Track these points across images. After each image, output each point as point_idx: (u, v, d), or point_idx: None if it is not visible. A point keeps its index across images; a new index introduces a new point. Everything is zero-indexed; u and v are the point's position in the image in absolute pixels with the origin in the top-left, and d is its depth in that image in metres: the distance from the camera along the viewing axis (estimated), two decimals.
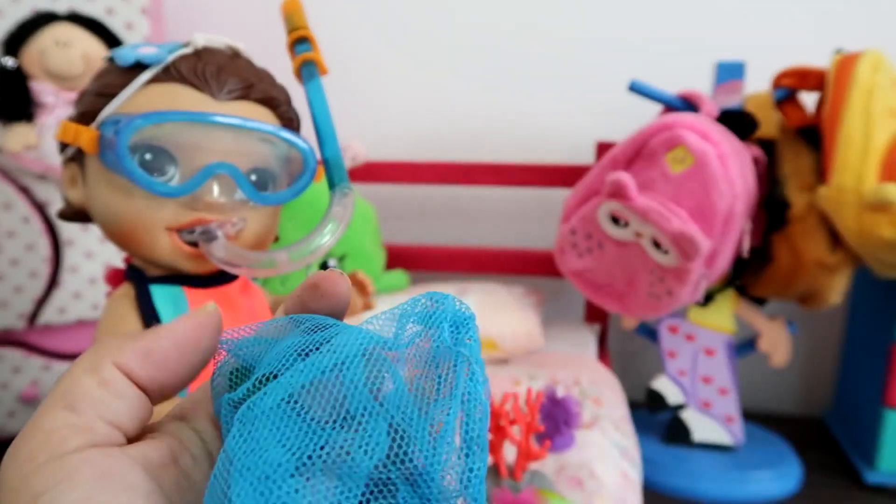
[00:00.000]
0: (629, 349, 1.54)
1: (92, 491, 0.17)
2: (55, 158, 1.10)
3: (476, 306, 1.19)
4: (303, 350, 0.19)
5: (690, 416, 1.24)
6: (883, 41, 1.05)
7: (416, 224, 1.56)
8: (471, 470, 0.17)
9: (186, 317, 0.22)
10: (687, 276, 0.95)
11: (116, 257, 0.61)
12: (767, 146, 1.11)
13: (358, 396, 0.17)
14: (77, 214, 0.58)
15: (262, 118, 0.55)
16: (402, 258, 1.42)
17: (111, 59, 0.54)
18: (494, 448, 0.73)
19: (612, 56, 1.42)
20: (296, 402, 0.18)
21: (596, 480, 0.80)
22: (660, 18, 1.39)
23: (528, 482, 0.73)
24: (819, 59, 1.10)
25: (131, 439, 0.20)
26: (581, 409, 0.83)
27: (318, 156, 0.60)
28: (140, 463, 0.19)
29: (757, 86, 1.16)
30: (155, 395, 0.21)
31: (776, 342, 1.19)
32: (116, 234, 0.55)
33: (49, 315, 1.21)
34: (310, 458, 0.17)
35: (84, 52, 1.12)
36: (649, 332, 1.30)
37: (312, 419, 0.18)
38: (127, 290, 0.56)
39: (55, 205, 1.18)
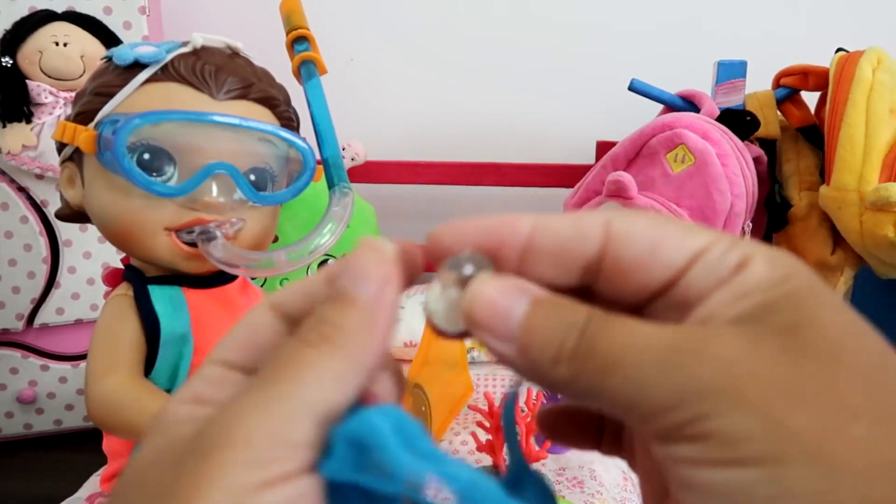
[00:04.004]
0: None
1: None
2: (53, 158, 1.09)
3: None
4: None
5: None
6: (885, 40, 1.04)
7: (416, 224, 1.55)
8: None
9: None
10: None
11: (115, 258, 0.60)
12: (769, 145, 1.11)
13: None
14: (75, 214, 0.58)
15: (260, 118, 0.55)
16: None
17: (109, 59, 0.54)
18: (495, 449, 0.73)
19: (611, 55, 1.42)
20: None
21: (596, 481, 0.80)
22: (660, 17, 1.39)
23: None
24: (821, 57, 1.09)
25: None
26: None
27: (318, 155, 0.59)
28: None
29: (758, 85, 1.16)
30: None
31: None
32: (114, 235, 0.54)
33: (47, 315, 1.21)
34: None
35: (82, 52, 1.12)
36: None
37: None
38: (125, 290, 0.56)
39: (53, 205, 1.18)
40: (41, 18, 1.10)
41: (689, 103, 1.10)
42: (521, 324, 0.17)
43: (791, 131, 1.12)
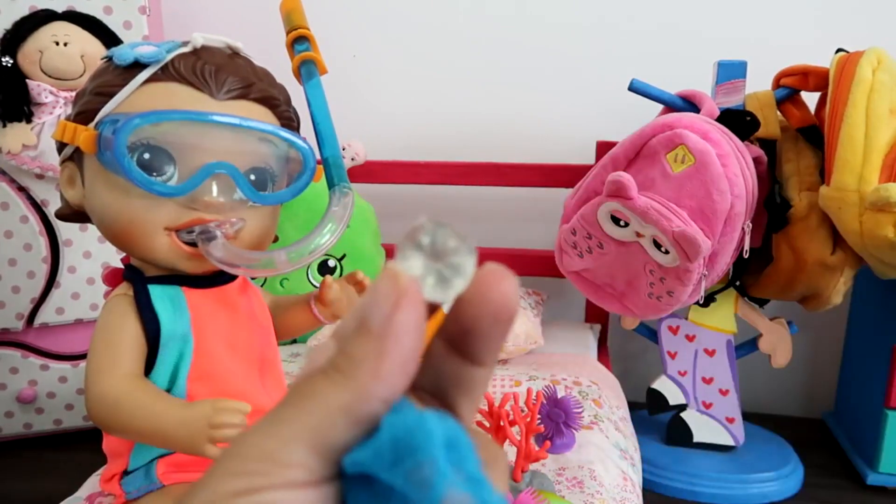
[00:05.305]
0: (629, 349, 1.54)
1: None
2: (53, 158, 1.09)
3: None
4: None
5: (691, 417, 1.24)
6: (885, 40, 1.04)
7: None
8: None
9: None
10: (688, 276, 0.95)
11: (115, 257, 0.60)
12: (769, 146, 1.11)
13: None
14: (75, 214, 0.58)
15: (261, 117, 0.55)
16: None
17: (109, 58, 0.54)
18: None
19: (611, 55, 1.42)
20: None
21: (596, 481, 0.80)
22: (660, 17, 1.39)
23: (528, 483, 0.73)
24: (821, 58, 1.09)
25: None
26: (581, 410, 0.83)
27: (318, 155, 0.59)
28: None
29: (758, 85, 1.16)
30: None
31: (777, 343, 1.19)
32: (114, 234, 0.54)
33: (47, 315, 1.21)
34: None
35: (82, 51, 1.12)
36: (649, 332, 1.29)
37: None
38: (125, 290, 0.56)
39: (53, 205, 1.18)
40: (42, 18, 1.11)
41: (689, 103, 1.10)
42: None
43: (791, 131, 1.12)
